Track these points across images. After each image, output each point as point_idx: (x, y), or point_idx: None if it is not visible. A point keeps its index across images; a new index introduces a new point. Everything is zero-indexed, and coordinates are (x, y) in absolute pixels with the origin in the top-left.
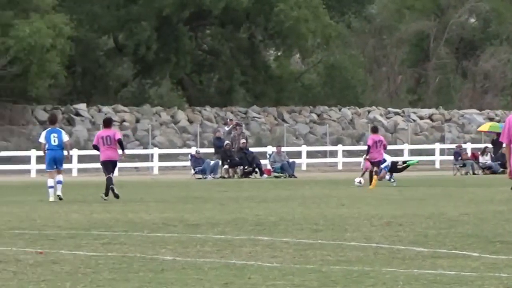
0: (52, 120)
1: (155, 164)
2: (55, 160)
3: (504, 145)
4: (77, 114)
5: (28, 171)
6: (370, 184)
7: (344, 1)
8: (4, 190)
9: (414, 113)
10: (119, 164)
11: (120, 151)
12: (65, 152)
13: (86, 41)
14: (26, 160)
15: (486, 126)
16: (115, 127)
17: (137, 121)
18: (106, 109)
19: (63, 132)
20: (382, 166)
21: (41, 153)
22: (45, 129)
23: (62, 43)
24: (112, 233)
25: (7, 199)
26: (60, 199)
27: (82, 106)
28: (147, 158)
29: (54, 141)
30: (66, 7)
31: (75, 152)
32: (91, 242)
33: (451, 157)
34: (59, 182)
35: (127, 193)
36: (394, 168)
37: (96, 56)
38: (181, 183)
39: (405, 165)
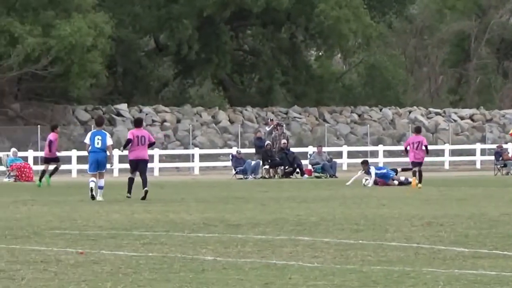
0: (99, 122)
1: (196, 164)
2: (97, 163)
3: None
4: (118, 114)
5: (69, 171)
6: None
7: (385, 1)
8: (45, 190)
9: (455, 113)
10: (160, 164)
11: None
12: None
13: (127, 41)
14: (67, 160)
15: None
16: (155, 127)
17: (178, 121)
18: (147, 109)
19: (108, 135)
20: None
21: (82, 153)
22: (91, 131)
23: (103, 43)
24: (153, 233)
25: (48, 199)
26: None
27: (123, 106)
28: (188, 158)
29: (98, 143)
30: (107, 8)
31: (116, 153)
32: (132, 242)
33: (492, 157)
34: (100, 187)
35: (168, 193)
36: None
37: (137, 57)
38: (222, 183)
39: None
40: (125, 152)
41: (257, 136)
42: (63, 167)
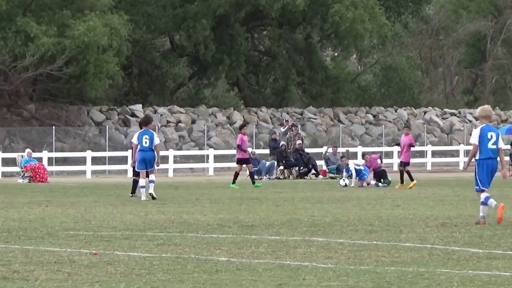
0: (146, 122)
1: (211, 165)
2: (145, 161)
3: None
4: (133, 115)
5: (84, 172)
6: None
7: (401, 1)
8: (59, 191)
9: (470, 113)
10: (174, 165)
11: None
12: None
13: (142, 42)
14: (81, 161)
15: None
16: (170, 128)
17: (193, 122)
18: (161, 110)
19: (155, 135)
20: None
21: (96, 154)
22: (138, 131)
23: (118, 42)
24: (167, 234)
25: (62, 200)
26: (153, 198)
27: (138, 107)
28: (202, 159)
29: (146, 143)
30: (123, 9)
31: (130, 154)
32: (145, 243)
33: (507, 158)
34: (151, 181)
35: (182, 194)
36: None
37: (152, 57)
38: (236, 184)
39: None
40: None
41: (272, 137)
42: (77, 167)
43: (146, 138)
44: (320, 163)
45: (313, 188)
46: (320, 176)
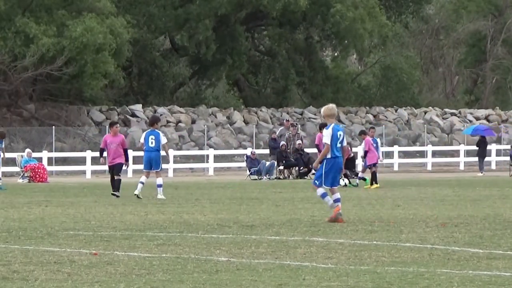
0: (152, 122)
1: (211, 165)
2: (150, 161)
3: None
4: (133, 115)
5: (84, 172)
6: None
7: (402, 1)
8: (59, 191)
9: (471, 113)
10: (174, 165)
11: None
12: (163, 153)
13: (142, 41)
14: (81, 161)
15: None
16: (170, 128)
17: (193, 122)
18: (161, 109)
19: (161, 134)
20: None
21: (96, 154)
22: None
23: (118, 43)
24: (167, 234)
25: (62, 200)
26: (138, 197)
27: (137, 107)
28: (202, 159)
29: (152, 143)
30: (123, 9)
31: (130, 153)
32: (145, 243)
33: (507, 158)
34: (158, 185)
35: (182, 194)
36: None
37: (153, 57)
38: (236, 184)
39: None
40: (139, 153)
41: (272, 136)
42: (77, 167)
43: (152, 139)
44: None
45: (313, 188)
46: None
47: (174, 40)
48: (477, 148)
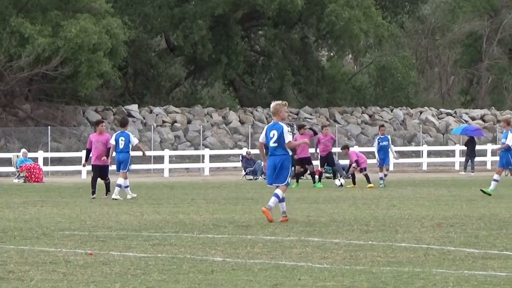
0: (122, 123)
1: (206, 165)
2: (119, 162)
3: None
4: (129, 115)
5: (79, 172)
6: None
7: (397, 1)
8: (54, 191)
9: (466, 113)
10: (170, 165)
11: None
12: (140, 153)
13: (138, 42)
14: (77, 161)
15: None
16: (166, 128)
17: (189, 122)
18: (157, 109)
19: (131, 136)
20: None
21: (135, 153)
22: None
23: (113, 43)
24: (162, 234)
25: (57, 200)
26: (114, 198)
27: (133, 107)
28: (198, 159)
29: (121, 144)
30: (119, 9)
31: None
32: (141, 243)
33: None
34: (118, 185)
35: (177, 194)
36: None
37: (149, 57)
38: (232, 184)
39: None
40: (134, 153)
41: None
42: (73, 168)
43: (122, 140)
44: (316, 163)
45: (308, 188)
46: (316, 176)
47: (169, 40)
48: (466, 147)
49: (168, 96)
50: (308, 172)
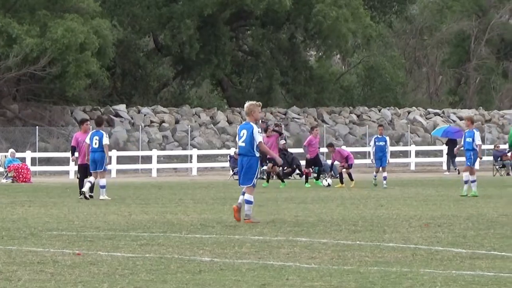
0: (98, 123)
1: (194, 165)
2: (94, 161)
3: None
4: (117, 115)
5: (67, 172)
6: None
7: (386, 1)
8: (42, 191)
9: (454, 113)
10: (158, 165)
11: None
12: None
13: (126, 42)
14: (65, 161)
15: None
16: (154, 128)
17: (177, 122)
18: (145, 109)
19: (105, 135)
20: None
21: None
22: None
23: (100, 43)
24: (150, 234)
25: (45, 200)
26: (85, 197)
27: (121, 107)
28: (186, 159)
29: (95, 143)
30: (108, 9)
31: (114, 153)
32: (129, 243)
33: (491, 158)
34: (101, 186)
35: (165, 194)
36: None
37: (137, 57)
38: (220, 184)
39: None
40: (122, 153)
41: None
42: (61, 168)
43: (96, 139)
44: (304, 163)
45: (296, 188)
46: (303, 177)
47: (157, 40)
48: (446, 147)
49: (156, 96)
50: (297, 172)
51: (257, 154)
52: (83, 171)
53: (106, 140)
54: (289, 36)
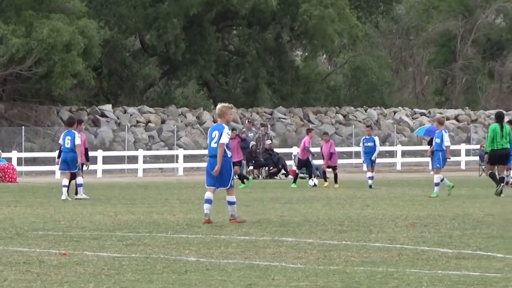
0: (69, 123)
1: (180, 165)
2: (66, 162)
3: None
4: (103, 115)
5: (53, 172)
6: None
7: (372, 1)
8: (28, 191)
9: (440, 113)
10: (144, 165)
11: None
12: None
13: (112, 42)
14: (51, 161)
15: None
16: (140, 128)
17: (163, 122)
18: (131, 110)
19: (77, 135)
20: None
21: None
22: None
23: (86, 43)
24: (136, 234)
25: (31, 200)
26: (67, 199)
27: (107, 107)
28: (172, 159)
29: (67, 144)
30: (94, 9)
31: (100, 153)
32: (115, 243)
33: (477, 158)
34: (78, 185)
35: (151, 194)
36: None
37: (123, 57)
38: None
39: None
40: (108, 153)
41: (241, 137)
42: (47, 168)
43: (68, 139)
44: (290, 163)
45: (282, 188)
46: (290, 176)
47: (144, 40)
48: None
49: (142, 96)
50: (282, 172)
51: (229, 155)
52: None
53: (78, 141)
54: (275, 36)
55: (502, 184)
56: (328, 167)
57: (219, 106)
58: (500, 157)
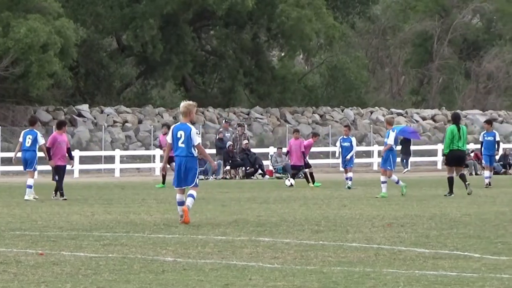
0: (31, 122)
1: (157, 165)
2: (25, 161)
3: None
4: (80, 115)
5: None
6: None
7: (349, 1)
8: (5, 191)
9: (417, 113)
10: (121, 165)
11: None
12: (42, 154)
13: (89, 42)
14: None
15: None
16: (117, 128)
17: (140, 122)
18: (108, 110)
19: (39, 135)
20: None
21: (42, 154)
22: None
23: (62, 43)
24: (113, 234)
25: (8, 200)
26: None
27: (84, 107)
28: (149, 159)
29: (28, 142)
30: (71, 9)
31: (76, 153)
32: (92, 243)
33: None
34: (27, 186)
35: (128, 194)
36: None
37: (100, 57)
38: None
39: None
40: (85, 153)
41: (218, 136)
42: (23, 168)
43: (29, 138)
44: (267, 163)
45: (259, 188)
46: (267, 176)
47: (120, 40)
48: (400, 146)
49: (119, 96)
50: (259, 172)
51: (196, 154)
52: (62, 172)
53: (42, 140)
54: (252, 36)
55: (466, 182)
56: (306, 166)
57: (183, 104)
58: (458, 159)
